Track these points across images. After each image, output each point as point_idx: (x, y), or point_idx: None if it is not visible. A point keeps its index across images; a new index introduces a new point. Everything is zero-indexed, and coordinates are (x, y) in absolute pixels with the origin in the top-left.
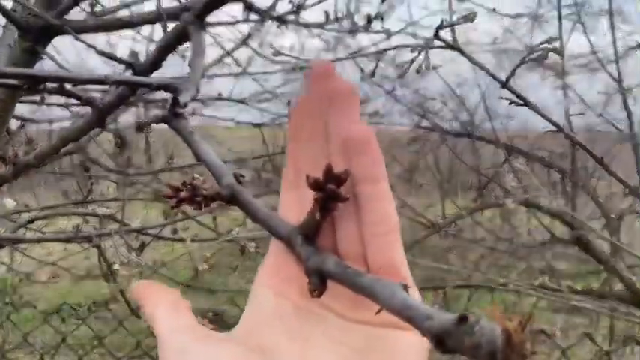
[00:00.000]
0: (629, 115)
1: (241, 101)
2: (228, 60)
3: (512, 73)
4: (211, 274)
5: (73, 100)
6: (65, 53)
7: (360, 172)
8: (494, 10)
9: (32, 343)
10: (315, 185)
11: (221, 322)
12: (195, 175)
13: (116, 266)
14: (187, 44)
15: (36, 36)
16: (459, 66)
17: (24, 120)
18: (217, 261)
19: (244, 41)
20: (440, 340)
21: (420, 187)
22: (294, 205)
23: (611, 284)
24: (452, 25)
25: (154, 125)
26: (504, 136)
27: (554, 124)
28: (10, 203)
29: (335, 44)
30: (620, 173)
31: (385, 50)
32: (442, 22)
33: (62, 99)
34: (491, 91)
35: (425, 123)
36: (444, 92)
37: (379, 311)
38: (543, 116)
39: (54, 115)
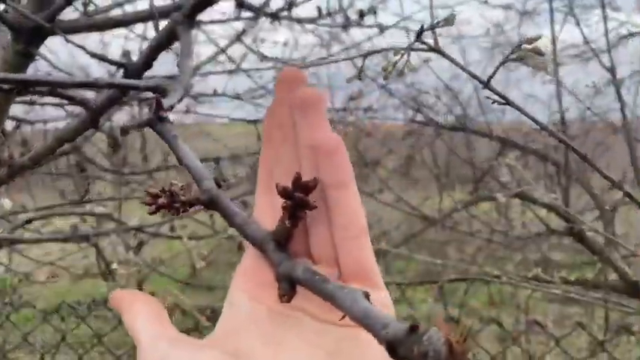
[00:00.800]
0: (623, 105)
1: (236, 97)
2: (221, 58)
3: (493, 74)
4: (209, 271)
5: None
6: (58, 53)
7: (328, 178)
8: (485, 1)
9: (32, 343)
10: (284, 193)
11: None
12: (173, 181)
13: (114, 265)
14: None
15: (28, 37)
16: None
17: (19, 121)
18: (215, 258)
19: (238, 38)
20: (392, 348)
21: (417, 182)
22: (267, 209)
23: (605, 274)
24: (432, 29)
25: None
26: (499, 129)
27: (536, 122)
28: (7, 204)
29: (329, 40)
30: (616, 164)
31: (369, 53)
32: (422, 27)
33: (56, 99)
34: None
35: (419, 117)
36: (438, 86)
37: (343, 317)
38: (526, 114)
39: (48, 115)
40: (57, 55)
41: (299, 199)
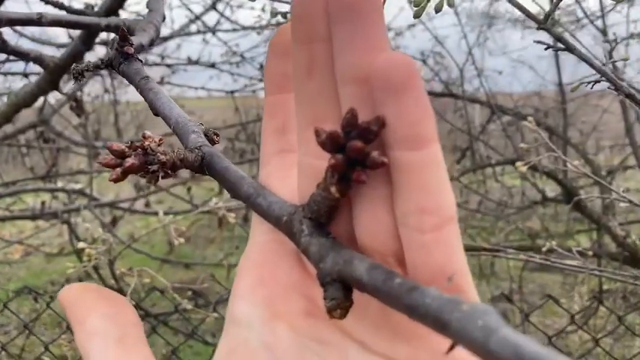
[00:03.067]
0: (615, 68)
1: (211, 65)
2: (196, 26)
3: (554, 9)
4: (188, 247)
5: (35, 69)
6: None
7: (395, 129)
8: None
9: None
10: (330, 142)
11: (201, 299)
12: (147, 133)
13: (81, 244)
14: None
15: None
16: (436, 24)
17: None
18: (194, 233)
19: (213, 4)
20: None
21: None
22: (276, 177)
23: (600, 242)
24: None
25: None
26: (487, 96)
27: (601, 71)
28: None
29: None
30: (611, 127)
31: None
32: None
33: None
34: (474, 47)
35: None
36: (424, 51)
37: (450, 350)
38: (589, 63)
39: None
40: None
41: (355, 149)
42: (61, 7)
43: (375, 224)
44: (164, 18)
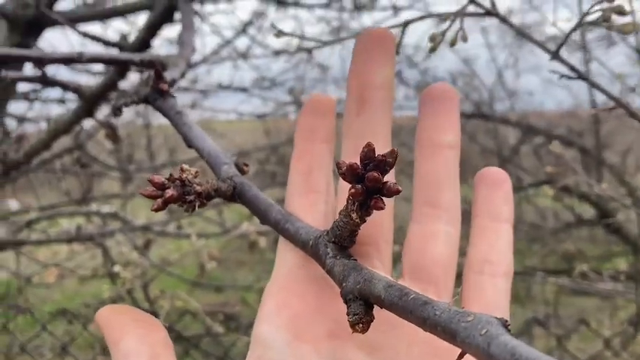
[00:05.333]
0: None
1: (243, 89)
2: (227, 51)
3: (564, 41)
4: (218, 270)
5: (70, 96)
6: (60, 49)
7: (487, 207)
8: None
9: (39, 346)
10: (350, 173)
11: (233, 321)
12: (185, 166)
13: (116, 268)
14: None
15: (25, 29)
16: (468, 43)
17: (20, 119)
18: (225, 257)
19: (243, 29)
20: None
21: None
22: (300, 211)
23: (638, 266)
24: None
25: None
26: (519, 116)
27: (614, 99)
28: (13, 205)
29: (338, 28)
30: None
31: (411, 21)
32: None
33: (59, 96)
34: (504, 68)
35: None
36: (454, 71)
37: (460, 358)
38: (602, 90)
39: (54, 113)
40: (57, 50)
41: (373, 179)
42: (98, 39)
43: (426, 259)
44: (194, 50)
